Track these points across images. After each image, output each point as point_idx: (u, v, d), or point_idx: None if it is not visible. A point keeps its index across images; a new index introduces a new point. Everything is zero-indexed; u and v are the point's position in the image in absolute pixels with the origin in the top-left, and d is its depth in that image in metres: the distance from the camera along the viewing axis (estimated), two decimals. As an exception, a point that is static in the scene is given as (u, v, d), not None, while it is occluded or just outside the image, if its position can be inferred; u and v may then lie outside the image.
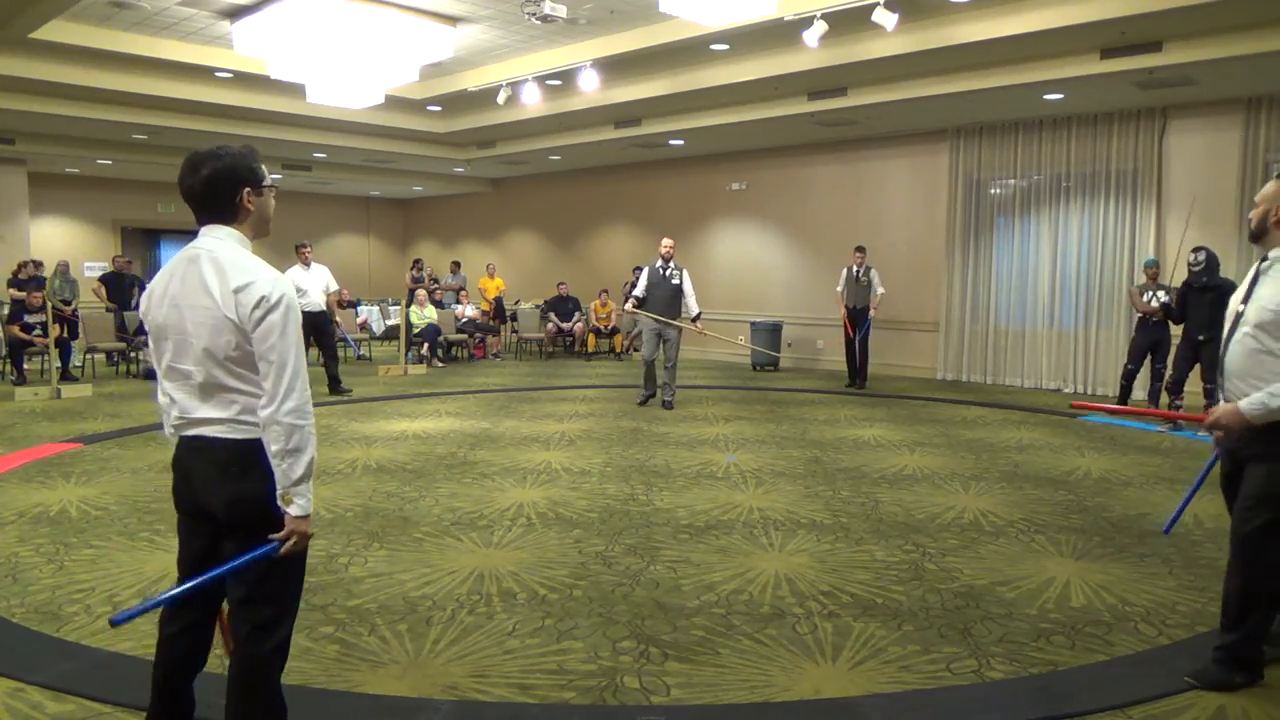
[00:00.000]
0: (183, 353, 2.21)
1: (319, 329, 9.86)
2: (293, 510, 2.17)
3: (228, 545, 2.24)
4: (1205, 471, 4.56)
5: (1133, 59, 8.17)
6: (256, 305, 2.13)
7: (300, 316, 2.22)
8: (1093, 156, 10.47)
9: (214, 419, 2.21)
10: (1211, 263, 7.75)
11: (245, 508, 2.20)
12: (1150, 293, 8.59)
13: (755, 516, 5.17)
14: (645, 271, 9.30)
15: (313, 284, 9.85)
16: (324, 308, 9.96)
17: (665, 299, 9.07)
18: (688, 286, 9.17)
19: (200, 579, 2.21)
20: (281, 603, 2.29)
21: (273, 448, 2.14)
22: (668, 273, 9.12)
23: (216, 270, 2.17)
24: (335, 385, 10.00)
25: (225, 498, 2.20)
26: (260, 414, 2.16)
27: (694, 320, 9.22)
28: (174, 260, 2.29)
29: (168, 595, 2.27)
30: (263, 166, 2.31)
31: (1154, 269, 8.74)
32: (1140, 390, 9.19)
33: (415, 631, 3.48)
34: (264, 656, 2.26)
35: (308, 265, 9.99)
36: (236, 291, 2.14)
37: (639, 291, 9.24)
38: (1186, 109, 9.82)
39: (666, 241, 9.25)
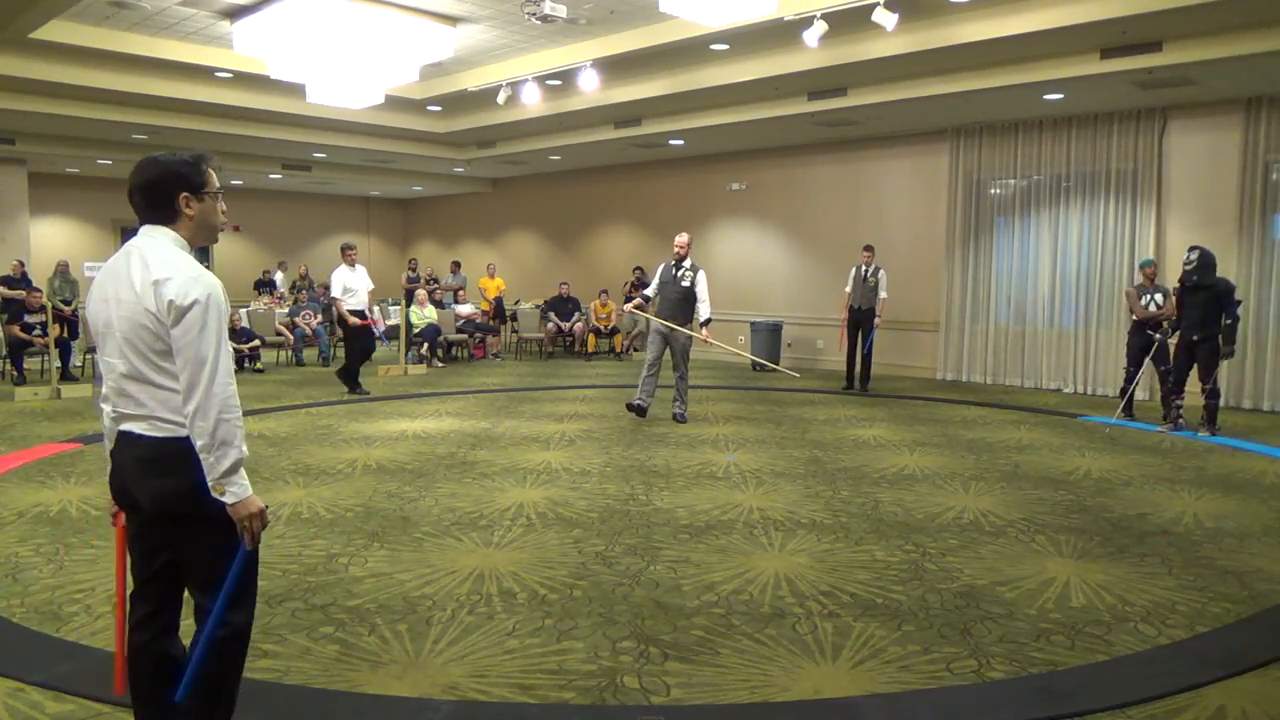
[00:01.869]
0: (110, 346, 2.25)
1: (360, 328, 10.03)
2: (227, 499, 2.18)
3: (162, 539, 2.30)
4: None
5: (1133, 59, 8.17)
6: (175, 298, 2.15)
7: (225, 315, 2.23)
8: (1093, 156, 10.47)
9: (137, 415, 2.24)
10: (1204, 262, 7.72)
11: (170, 503, 2.24)
12: (1148, 294, 8.53)
13: (755, 516, 5.17)
14: (659, 270, 8.56)
15: (360, 284, 10.04)
16: (365, 307, 10.15)
17: (673, 301, 8.30)
18: (702, 290, 8.27)
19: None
20: (218, 594, 2.27)
21: (198, 442, 2.16)
22: (679, 273, 8.30)
23: (141, 265, 2.21)
24: (355, 385, 10.17)
25: (149, 493, 2.24)
26: (184, 408, 2.17)
27: (702, 325, 8.38)
28: (113, 256, 2.34)
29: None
30: (212, 173, 2.35)
31: (1151, 269, 8.67)
32: (1140, 391, 9.17)
33: (415, 631, 3.48)
34: (218, 640, 2.27)
35: (354, 266, 10.13)
36: (156, 284, 2.17)
37: (650, 290, 8.62)
38: (1186, 109, 9.82)
39: (680, 238, 8.40)
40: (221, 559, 2.26)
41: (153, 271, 2.18)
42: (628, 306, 9.16)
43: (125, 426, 2.26)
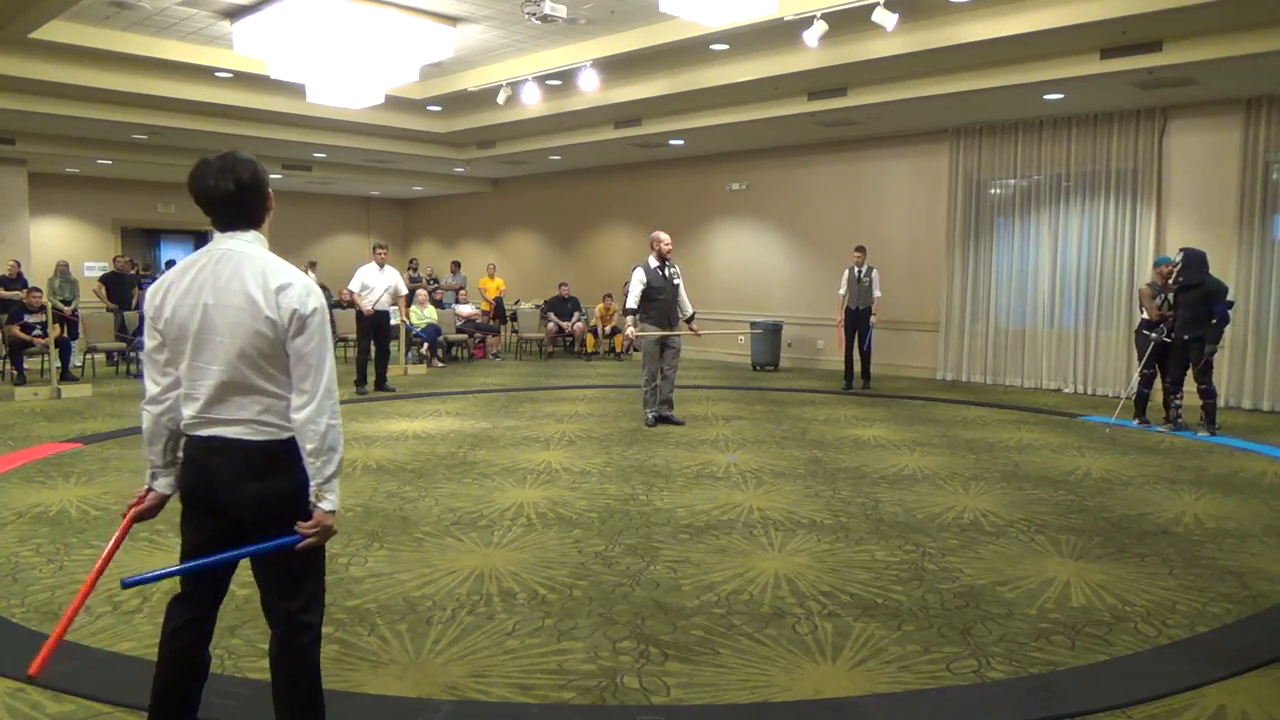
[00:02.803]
0: (209, 352, 2.20)
1: (379, 328, 10.14)
2: (324, 505, 2.22)
3: (249, 535, 2.27)
4: None
5: (1133, 59, 8.17)
6: (298, 307, 2.18)
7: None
8: (1093, 156, 10.47)
9: (235, 420, 2.21)
10: (1189, 262, 7.73)
11: (273, 507, 2.23)
12: (1162, 295, 8.15)
13: (755, 516, 5.16)
14: (638, 274, 7.99)
15: (381, 284, 10.11)
16: (387, 308, 10.21)
17: (670, 303, 8.00)
18: (680, 283, 8.14)
19: (219, 557, 2.25)
20: (311, 594, 2.33)
21: (308, 446, 2.19)
22: (668, 273, 8.01)
23: (254, 271, 2.20)
24: (382, 383, 10.31)
25: (253, 498, 2.22)
26: (296, 414, 2.19)
27: (688, 321, 8.23)
28: (193, 260, 2.27)
29: (182, 568, 2.31)
30: None
31: (1167, 268, 8.10)
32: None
33: (415, 631, 3.48)
34: (303, 647, 2.30)
35: (382, 266, 10.23)
36: (278, 291, 2.18)
37: (634, 301, 7.96)
38: (1186, 109, 9.82)
39: (665, 236, 8.03)
40: (307, 563, 2.29)
41: (271, 279, 2.19)
42: (631, 332, 8.07)
43: (216, 431, 2.23)
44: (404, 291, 10.51)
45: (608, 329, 14.84)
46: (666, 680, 3.10)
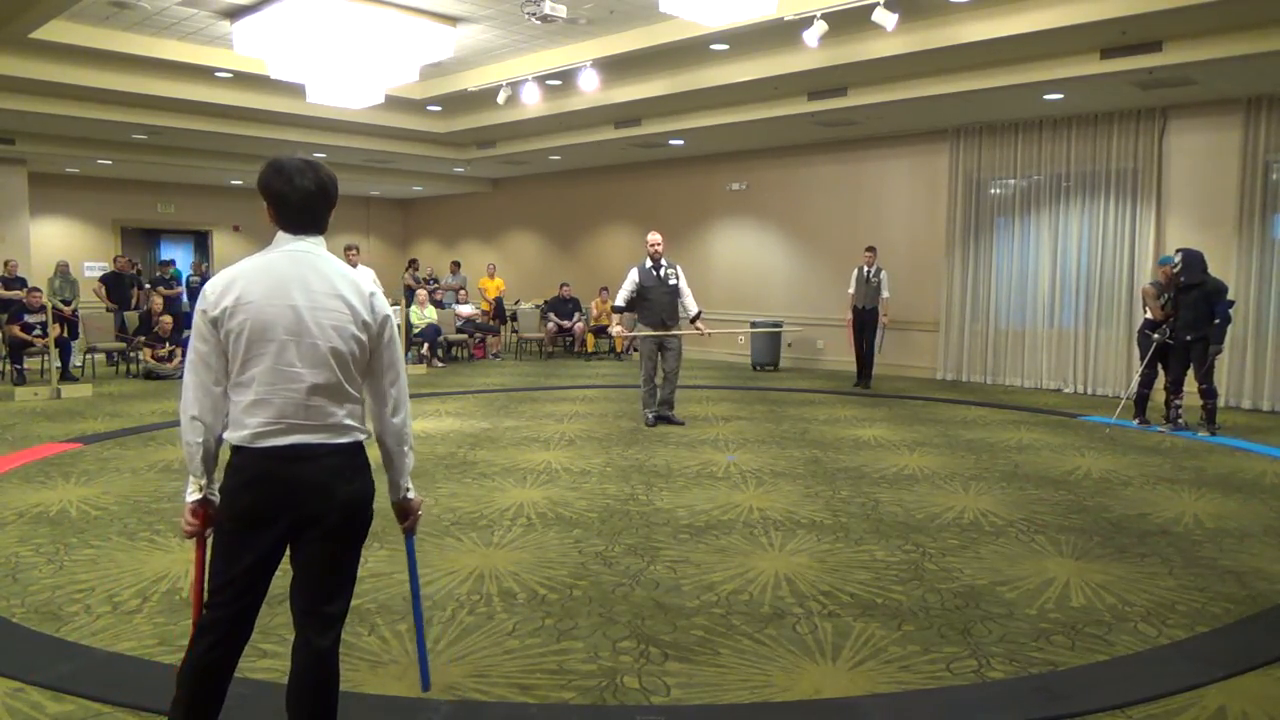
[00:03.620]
0: (297, 355, 2.14)
1: None
2: (411, 494, 2.47)
3: (325, 548, 2.22)
4: None
5: (1133, 59, 8.17)
6: (388, 312, 2.29)
7: None
8: (1093, 156, 10.47)
9: (320, 425, 2.17)
10: (1189, 262, 7.74)
11: (359, 509, 2.27)
12: (1166, 295, 8.11)
13: (755, 516, 5.16)
14: (631, 274, 8.04)
15: None
16: None
17: (664, 303, 7.97)
18: (684, 284, 8.10)
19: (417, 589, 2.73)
20: (350, 595, 2.35)
21: (401, 447, 2.35)
22: (662, 273, 7.98)
23: (339, 275, 2.23)
24: None
25: (341, 501, 2.20)
26: (389, 417, 2.32)
27: (694, 320, 8.17)
28: (264, 260, 2.20)
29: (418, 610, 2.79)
30: None
31: (1171, 268, 8.05)
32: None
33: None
34: (331, 649, 2.28)
35: (354, 268, 10.12)
36: (372, 296, 2.25)
37: (622, 300, 8.05)
38: (1186, 109, 9.82)
39: (654, 237, 8.08)
40: (355, 567, 2.34)
41: (361, 284, 2.25)
42: (616, 331, 8.54)
43: (301, 439, 2.15)
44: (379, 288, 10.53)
45: (606, 326, 14.87)
46: (666, 680, 3.10)
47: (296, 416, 2.15)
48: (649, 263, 8.04)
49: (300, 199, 2.21)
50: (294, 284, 2.16)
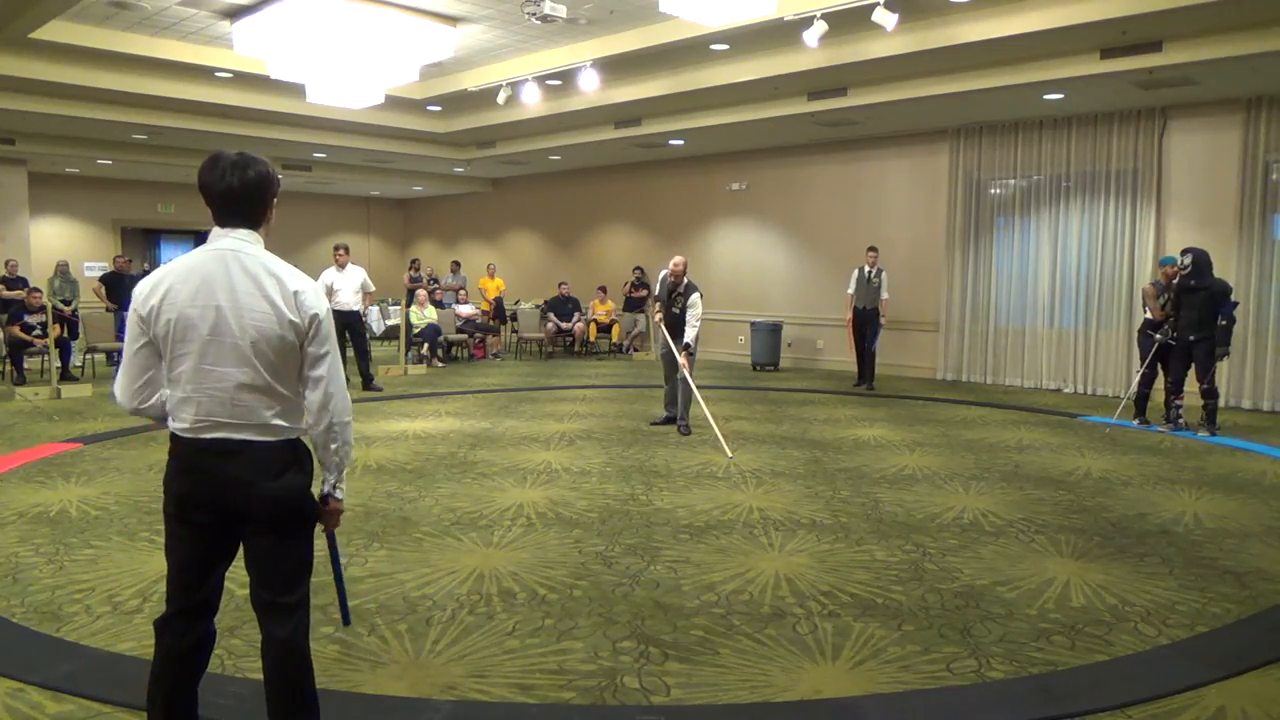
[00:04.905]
0: (222, 354, 2.17)
1: (350, 328, 10.23)
2: (338, 494, 2.38)
3: (259, 541, 2.28)
4: None
5: (1133, 59, 8.16)
6: (316, 310, 2.23)
7: None
8: (1093, 156, 10.47)
9: (247, 423, 2.21)
10: (1198, 264, 7.73)
11: (286, 505, 2.27)
12: (1166, 295, 8.11)
13: (755, 516, 5.16)
14: (660, 279, 8.10)
15: (346, 285, 10.27)
16: (355, 308, 10.32)
17: (672, 324, 7.88)
18: (692, 316, 7.70)
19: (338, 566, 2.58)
20: (305, 586, 2.37)
21: (333, 445, 2.29)
22: (672, 299, 7.88)
23: (268, 273, 2.21)
24: (368, 382, 10.44)
25: (267, 496, 2.23)
26: (321, 415, 2.26)
27: (681, 349, 7.73)
28: (193, 260, 2.23)
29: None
30: None
31: (1172, 268, 8.07)
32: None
33: (415, 631, 3.48)
34: (299, 641, 2.32)
35: (343, 268, 10.36)
36: (297, 295, 2.20)
37: (658, 291, 8.12)
38: (1186, 109, 9.82)
39: (675, 261, 7.91)
40: (306, 557, 2.35)
41: (288, 282, 2.21)
42: (657, 317, 8.09)
43: (227, 435, 2.20)
44: (371, 288, 10.63)
45: (605, 323, 14.91)
46: (666, 680, 3.10)
47: (222, 414, 2.20)
48: (670, 280, 7.91)
49: (221, 192, 2.24)
50: (219, 284, 2.19)
